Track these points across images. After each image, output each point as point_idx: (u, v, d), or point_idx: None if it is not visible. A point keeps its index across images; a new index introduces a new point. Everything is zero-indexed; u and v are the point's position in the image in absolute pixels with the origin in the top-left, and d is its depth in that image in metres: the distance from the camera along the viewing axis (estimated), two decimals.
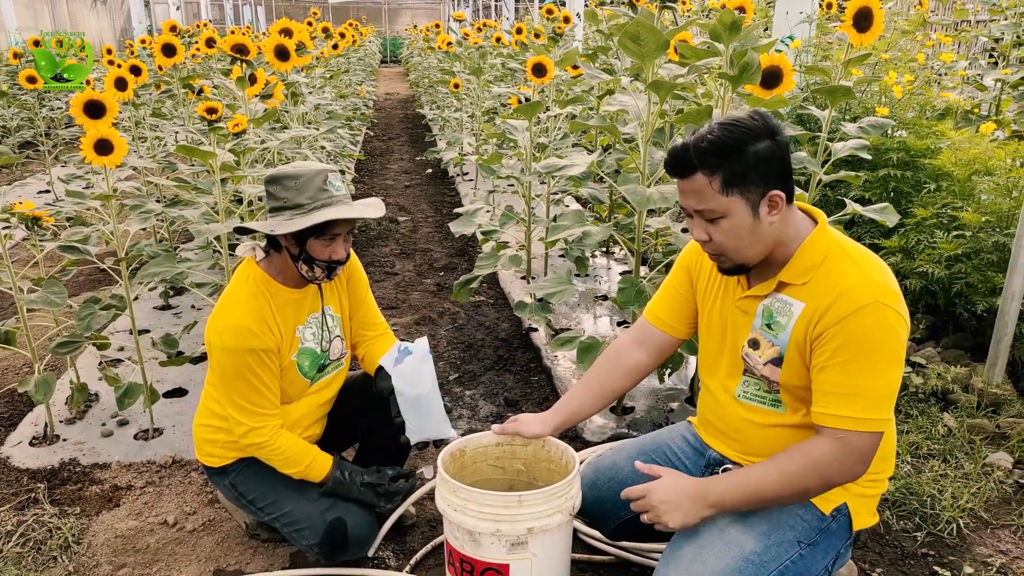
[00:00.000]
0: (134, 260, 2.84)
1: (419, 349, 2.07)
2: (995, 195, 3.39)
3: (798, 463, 1.53)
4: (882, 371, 1.48)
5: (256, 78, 3.05)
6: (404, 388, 2.02)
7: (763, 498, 1.56)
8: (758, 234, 1.55)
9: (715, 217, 1.54)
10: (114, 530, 2.29)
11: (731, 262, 1.61)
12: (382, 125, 11.60)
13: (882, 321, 1.47)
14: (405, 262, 5.13)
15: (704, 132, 1.52)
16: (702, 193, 1.52)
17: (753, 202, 1.52)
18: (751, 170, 1.50)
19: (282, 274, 2.05)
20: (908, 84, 4.50)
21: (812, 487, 1.55)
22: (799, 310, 1.57)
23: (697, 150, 1.50)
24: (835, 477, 1.53)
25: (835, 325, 1.50)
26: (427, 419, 2.03)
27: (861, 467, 1.51)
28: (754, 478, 1.56)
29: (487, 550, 1.66)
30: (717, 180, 1.50)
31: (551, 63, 3.42)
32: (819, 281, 1.55)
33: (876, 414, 1.48)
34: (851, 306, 1.48)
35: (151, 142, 4.42)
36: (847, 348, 1.49)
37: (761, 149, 1.50)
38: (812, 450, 1.52)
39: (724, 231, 1.54)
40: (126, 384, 2.67)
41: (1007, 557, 2.16)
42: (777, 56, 2.57)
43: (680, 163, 1.54)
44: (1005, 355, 3.02)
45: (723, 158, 1.49)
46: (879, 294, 1.48)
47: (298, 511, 2.06)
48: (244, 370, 1.94)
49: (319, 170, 1.94)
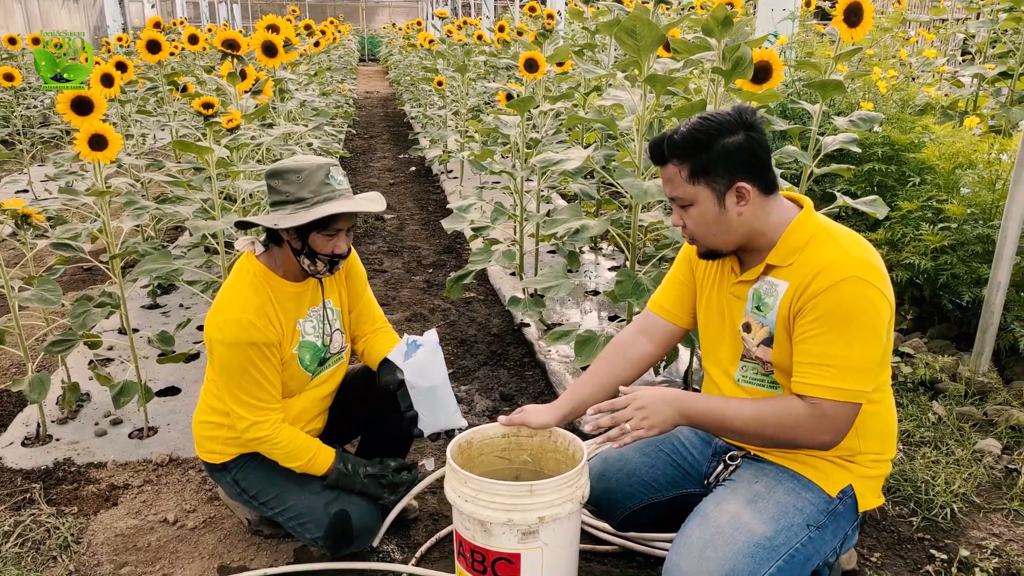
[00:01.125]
0: (127, 257, 2.81)
1: (429, 341, 2.07)
2: (978, 188, 3.46)
3: (772, 413, 1.59)
4: (857, 343, 1.52)
5: (247, 74, 3.03)
6: (417, 381, 2.02)
7: (729, 429, 1.65)
8: (725, 223, 1.64)
9: (685, 204, 1.65)
10: (113, 529, 2.26)
11: (703, 247, 1.72)
12: (363, 123, 11.54)
13: (859, 295, 1.52)
14: (393, 259, 5.12)
15: (681, 125, 1.63)
16: (673, 181, 1.65)
17: (719, 192, 1.61)
18: (716, 163, 1.59)
19: (282, 268, 2.04)
20: (892, 80, 4.58)
21: (778, 440, 1.62)
22: (783, 289, 1.62)
23: (670, 142, 1.63)
24: (802, 439, 1.58)
25: (814, 299, 1.55)
26: (440, 411, 2.03)
27: (831, 436, 1.56)
28: (730, 409, 1.63)
29: (498, 540, 1.67)
30: (685, 170, 1.62)
31: (543, 58, 3.44)
32: (803, 261, 1.60)
33: (850, 384, 1.52)
34: (829, 280, 1.53)
35: (137, 139, 4.36)
36: (823, 320, 1.53)
37: (730, 143, 1.59)
38: (789, 407, 1.58)
39: (693, 218, 1.66)
40: (121, 383, 2.64)
41: (1000, 540, 2.21)
42: (767, 51, 2.60)
43: (656, 152, 1.67)
44: (991, 344, 3.08)
45: (691, 150, 1.60)
46: (858, 270, 1.53)
47: (301, 504, 2.05)
48: (246, 364, 1.93)
49: (321, 164, 1.94)
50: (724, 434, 1.67)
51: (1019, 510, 2.35)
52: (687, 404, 1.64)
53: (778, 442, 1.63)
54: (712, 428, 1.67)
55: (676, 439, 1.94)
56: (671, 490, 1.89)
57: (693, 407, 1.64)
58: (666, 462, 1.91)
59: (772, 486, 1.66)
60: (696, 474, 1.88)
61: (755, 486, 1.67)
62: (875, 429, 1.67)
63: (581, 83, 4.62)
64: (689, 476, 1.89)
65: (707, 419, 1.64)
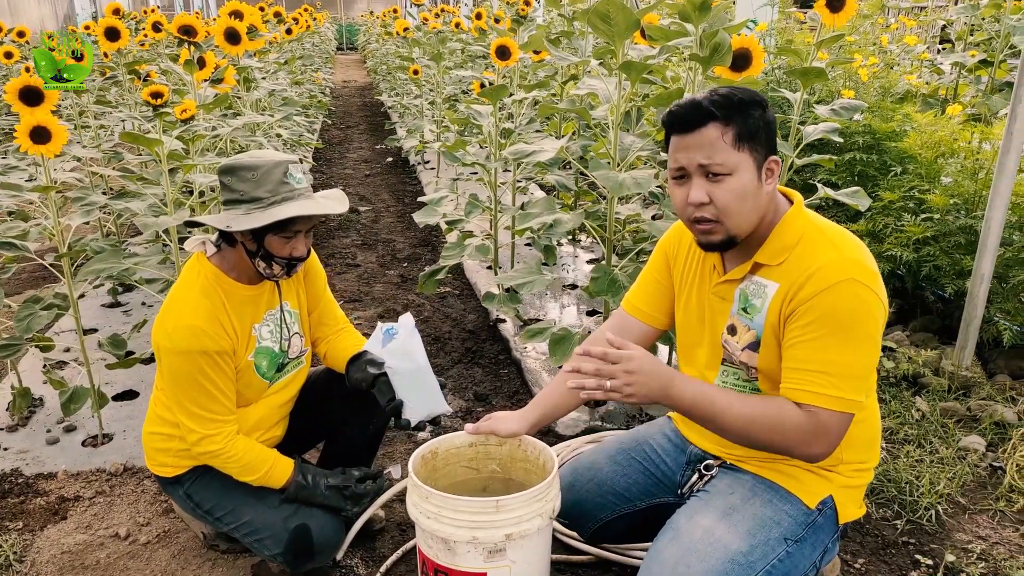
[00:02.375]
0: (79, 256, 2.67)
1: (405, 325, 1.98)
2: (961, 177, 3.39)
3: (765, 416, 1.45)
4: (855, 349, 1.43)
5: (205, 61, 2.89)
6: (400, 365, 1.92)
7: (716, 423, 1.49)
8: (758, 200, 1.49)
9: (721, 173, 1.45)
10: (60, 545, 2.14)
11: (724, 232, 1.50)
12: (340, 113, 11.35)
13: (856, 298, 1.42)
14: (367, 253, 4.99)
15: (710, 91, 1.47)
16: (713, 146, 1.44)
17: (759, 163, 1.47)
18: (760, 129, 1.46)
19: (236, 270, 1.92)
20: (872, 67, 4.51)
21: (768, 444, 1.48)
22: (773, 291, 1.52)
23: (712, 100, 1.45)
24: (793, 447, 1.46)
25: (808, 302, 1.44)
26: (424, 395, 1.94)
27: (823, 448, 1.45)
28: (721, 402, 1.47)
29: (463, 559, 1.57)
30: (731, 133, 1.44)
31: (516, 45, 3.32)
32: (794, 261, 1.50)
33: (847, 393, 1.42)
34: (825, 282, 1.43)
35: (95, 131, 4.19)
36: (819, 324, 1.43)
37: (766, 114, 1.48)
38: (786, 411, 1.45)
39: (730, 189, 1.45)
40: (72, 388, 2.51)
41: (986, 543, 2.14)
42: (746, 38, 2.51)
43: (693, 112, 1.46)
44: (974, 338, 3.02)
45: (738, 111, 1.45)
46: (854, 272, 1.43)
47: (259, 520, 1.94)
48: (196, 374, 1.81)
49: (279, 161, 1.81)
50: (708, 427, 1.52)
51: (1004, 511, 2.29)
52: (678, 386, 1.47)
53: (765, 446, 1.49)
54: (697, 417, 1.51)
55: (649, 446, 1.84)
56: (644, 500, 1.80)
57: (684, 392, 1.47)
58: (638, 471, 1.81)
59: (748, 498, 1.57)
60: (670, 483, 1.78)
61: (730, 498, 1.58)
62: (860, 438, 1.58)
63: (559, 71, 4.51)
64: (662, 485, 1.79)
65: (695, 407, 1.48)
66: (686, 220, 1.55)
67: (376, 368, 1.98)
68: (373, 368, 1.98)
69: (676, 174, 1.51)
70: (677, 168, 1.50)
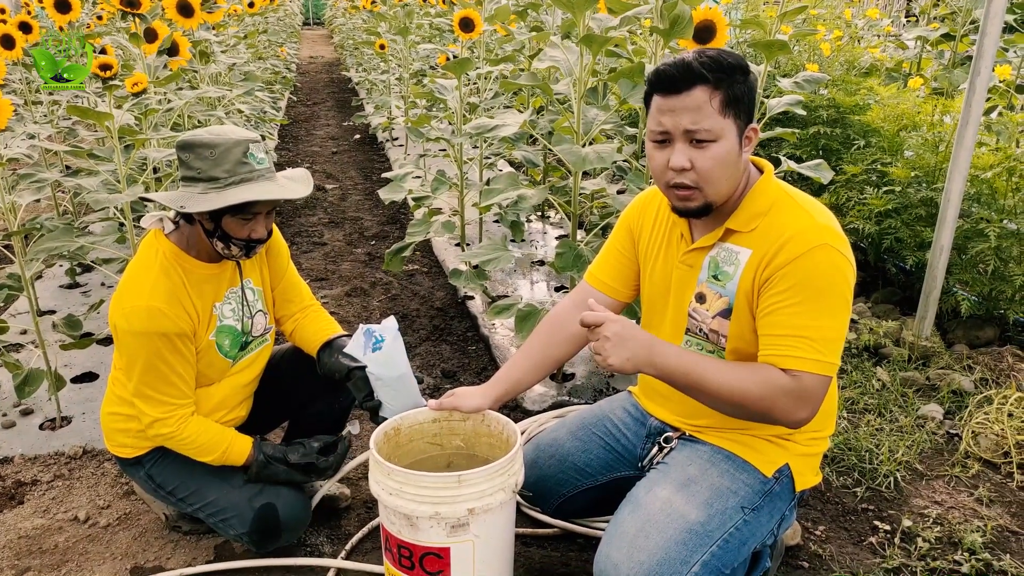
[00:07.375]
0: (31, 235, 2.60)
1: (389, 329, 1.92)
2: (922, 150, 3.43)
3: (753, 380, 1.43)
4: (832, 313, 1.44)
5: (156, 33, 2.80)
6: (382, 372, 1.88)
7: (700, 387, 1.45)
8: (736, 168, 1.49)
9: (706, 140, 1.43)
10: (17, 530, 2.10)
11: (702, 198, 1.48)
12: (306, 90, 11.15)
13: (831, 264, 1.43)
14: (334, 231, 4.93)
15: (698, 52, 1.44)
16: (700, 110, 1.41)
17: (740, 130, 1.46)
18: (744, 95, 1.45)
19: (195, 248, 1.87)
20: (837, 41, 4.52)
21: (751, 409, 1.45)
22: (746, 257, 1.52)
23: (701, 63, 1.41)
24: (779, 412, 1.43)
25: (784, 267, 1.45)
26: (404, 396, 1.90)
27: (807, 412, 1.44)
28: (706, 366, 1.45)
29: (426, 534, 1.57)
30: (718, 98, 1.42)
31: (479, 17, 3.27)
32: (767, 227, 1.50)
33: (828, 356, 1.43)
34: (801, 248, 1.44)
35: (49, 107, 4.06)
36: (796, 290, 1.44)
37: (749, 79, 1.46)
38: (772, 377, 1.43)
39: (712, 156, 1.43)
40: (26, 371, 2.45)
41: (942, 508, 2.19)
42: (711, 10, 2.49)
43: (682, 72, 1.41)
44: (934, 308, 3.07)
45: (728, 75, 1.42)
46: (828, 237, 1.45)
47: (223, 500, 1.91)
48: (153, 357, 1.77)
49: (239, 139, 1.75)
50: (691, 394, 1.48)
51: (960, 476, 2.34)
52: (660, 352, 1.45)
53: (748, 412, 1.46)
54: (680, 384, 1.47)
55: (610, 420, 1.85)
56: (605, 474, 1.81)
57: (666, 358, 1.45)
58: (599, 445, 1.82)
59: (705, 468, 1.59)
60: (630, 457, 1.79)
61: (688, 469, 1.59)
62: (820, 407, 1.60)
63: (525, 45, 4.45)
64: (623, 459, 1.80)
65: (678, 374, 1.45)
66: (663, 184, 1.52)
67: (351, 361, 1.94)
68: (348, 360, 1.94)
69: (658, 137, 1.48)
70: (661, 131, 1.47)
